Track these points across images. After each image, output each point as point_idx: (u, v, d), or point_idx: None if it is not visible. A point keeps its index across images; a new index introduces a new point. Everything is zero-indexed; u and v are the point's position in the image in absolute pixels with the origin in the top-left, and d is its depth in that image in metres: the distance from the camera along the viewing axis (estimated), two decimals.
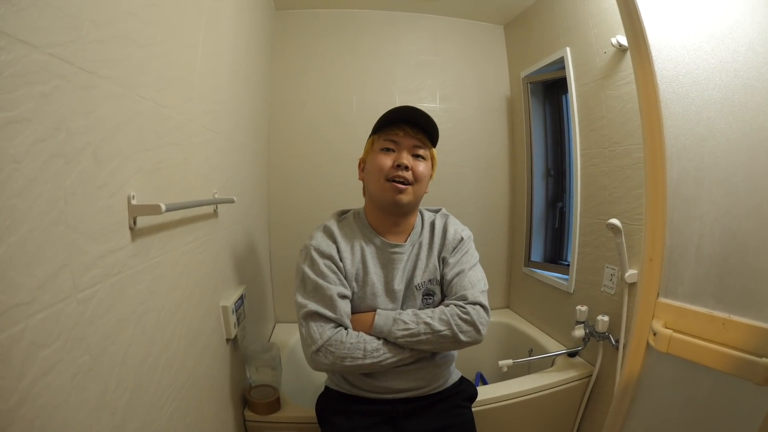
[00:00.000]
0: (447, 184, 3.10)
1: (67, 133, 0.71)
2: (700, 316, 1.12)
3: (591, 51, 2.31)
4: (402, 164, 1.47)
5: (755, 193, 1.05)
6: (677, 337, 1.14)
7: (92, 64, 0.78)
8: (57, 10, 0.68)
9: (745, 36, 1.07)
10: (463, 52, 3.20)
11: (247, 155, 2.19)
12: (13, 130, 0.60)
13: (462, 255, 1.63)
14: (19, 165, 0.61)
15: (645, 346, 1.25)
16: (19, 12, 0.60)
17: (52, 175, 0.68)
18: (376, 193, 1.53)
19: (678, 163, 1.18)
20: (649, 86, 1.20)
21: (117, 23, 0.86)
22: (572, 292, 2.52)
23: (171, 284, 1.15)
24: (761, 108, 1.04)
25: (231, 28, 1.77)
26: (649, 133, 1.23)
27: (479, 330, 1.47)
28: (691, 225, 1.17)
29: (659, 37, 1.19)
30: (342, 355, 1.41)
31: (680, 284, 1.19)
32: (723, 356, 1.05)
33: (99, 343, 0.80)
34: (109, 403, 0.84)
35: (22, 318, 0.61)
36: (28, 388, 0.62)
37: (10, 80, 0.59)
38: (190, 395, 1.27)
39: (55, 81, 0.68)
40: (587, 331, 2.21)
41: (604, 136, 2.25)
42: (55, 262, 0.68)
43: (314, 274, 1.49)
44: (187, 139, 1.27)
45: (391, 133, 1.51)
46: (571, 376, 2.24)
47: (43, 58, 0.65)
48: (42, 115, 0.65)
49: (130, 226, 0.92)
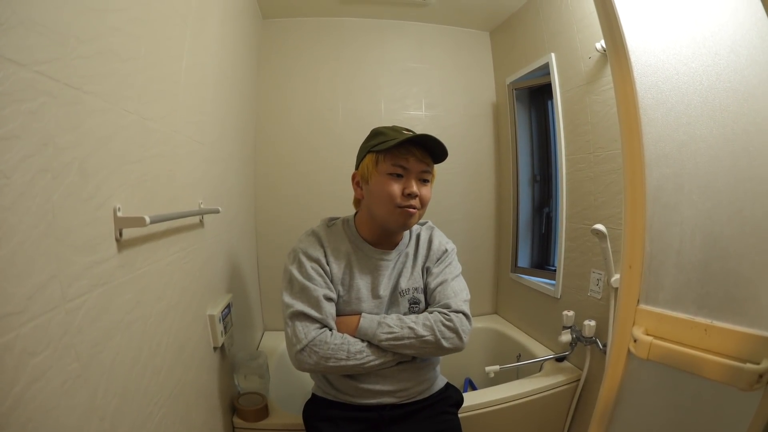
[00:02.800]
0: (434, 191, 3.07)
1: (54, 149, 0.72)
2: (681, 323, 1.14)
3: (576, 56, 2.33)
4: (413, 194, 1.49)
5: (737, 198, 1.06)
6: (658, 344, 1.15)
7: (78, 80, 0.79)
8: (43, 27, 0.69)
9: (728, 38, 1.08)
10: (449, 59, 3.22)
11: (233, 164, 2.20)
12: (3, 146, 0.61)
13: (446, 266, 1.67)
14: (9, 180, 0.62)
15: (626, 353, 1.27)
16: (7, 31, 0.61)
17: (41, 190, 0.69)
18: (385, 217, 1.53)
19: (657, 170, 1.19)
20: (628, 94, 1.21)
21: (102, 39, 0.88)
22: (559, 297, 2.54)
23: (157, 294, 1.16)
24: (743, 112, 1.05)
25: (216, 37, 1.79)
26: (628, 140, 1.24)
27: (461, 337, 1.51)
28: (671, 231, 1.18)
29: (638, 43, 1.20)
30: (326, 356, 1.44)
31: (661, 290, 1.21)
32: (706, 362, 1.06)
33: (87, 351, 0.82)
34: (98, 409, 0.85)
35: (14, 327, 0.63)
36: (21, 393, 0.64)
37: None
38: (179, 402, 1.29)
39: (42, 98, 0.69)
40: (574, 336, 2.23)
41: (589, 142, 2.28)
42: (45, 273, 0.70)
43: (301, 276, 1.52)
44: (172, 150, 1.28)
45: (401, 158, 1.49)
46: (559, 380, 2.26)
47: (30, 75, 0.66)
48: (30, 131, 0.67)
49: (116, 237, 0.93)
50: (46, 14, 0.70)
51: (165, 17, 1.22)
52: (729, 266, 1.08)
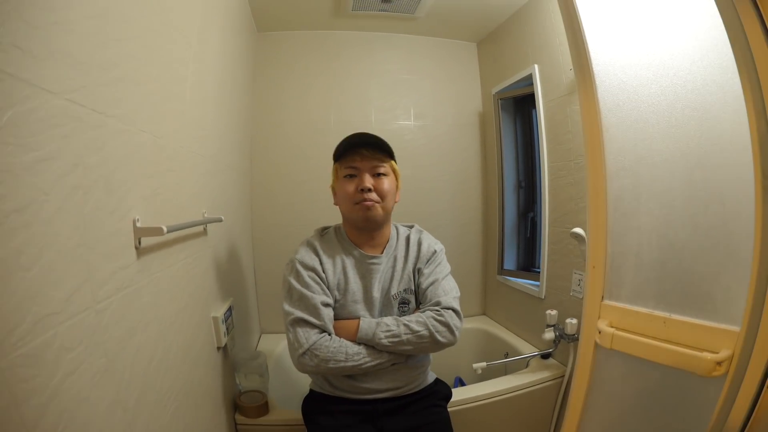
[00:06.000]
0: (423, 198, 3.20)
1: (83, 168, 0.81)
2: (641, 316, 1.24)
3: (558, 68, 2.42)
4: (365, 188, 1.59)
5: (691, 205, 1.16)
6: (620, 335, 1.26)
7: (102, 105, 0.88)
8: (69, 58, 0.77)
9: (687, 60, 1.17)
10: (437, 70, 3.29)
11: (232, 175, 2.28)
12: (42, 167, 0.69)
13: (435, 266, 1.75)
14: (48, 197, 0.71)
15: (593, 345, 1.37)
16: (41, 62, 0.69)
17: (74, 205, 0.78)
18: (349, 215, 1.67)
19: (617, 181, 1.30)
20: (592, 114, 1.31)
21: (119, 66, 0.96)
22: (544, 298, 2.63)
23: (170, 297, 1.25)
24: (699, 128, 1.15)
25: (216, 54, 1.87)
26: (591, 155, 1.34)
27: (453, 332, 1.59)
28: (630, 235, 1.29)
29: (603, 66, 1.31)
30: (326, 358, 1.52)
31: (622, 287, 1.31)
32: (665, 351, 1.17)
33: (113, 348, 0.91)
34: (122, 401, 0.94)
35: (53, 325, 0.71)
36: (58, 385, 0.72)
37: (37, 124, 0.68)
38: (188, 397, 1.37)
39: (72, 123, 0.77)
40: (557, 334, 2.32)
41: (570, 150, 2.37)
42: (79, 278, 0.79)
43: (299, 284, 1.60)
44: (180, 164, 1.37)
45: (350, 160, 1.63)
46: (545, 376, 2.34)
47: (62, 103, 0.74)
48: (63, 153, 0.75)
49: (135, 245, 1.02)
50: (73, 46, 0.78)
51: (172, 41, 1.31)
52: (684, 266, 1.18)
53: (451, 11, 2.89)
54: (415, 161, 3.16)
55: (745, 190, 1.02)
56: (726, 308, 1.09)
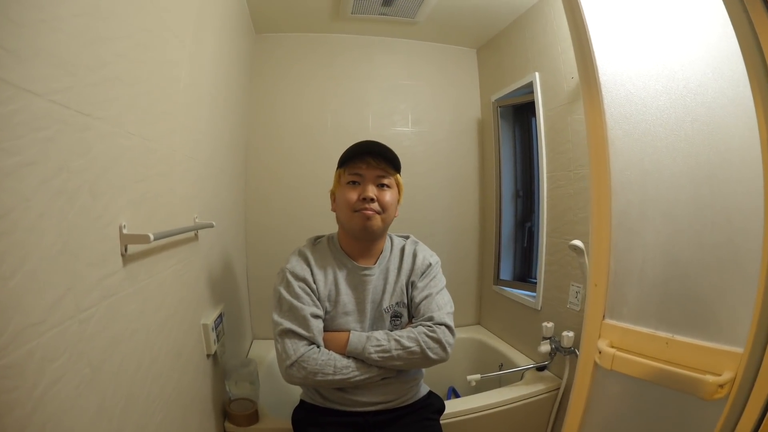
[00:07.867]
0: (419, 206, 3.17)
1: (68, 173, 0.78)
2: (643, 336, 1.21)
3: (559, 76, 2.39)
4: (367, 197, 1.57)
5: (697, 223, 1.13)
6: (621, 356, 1.23)
7: (88, 107, 0.84)
8: (55, 58, 0.74)
9: (699, 71, 1.13)
10: (436, 76, 3.27)
11: (225, 179, 2.25)
12: (23, 172, 0.66)
13: (430, 279, 1.72)
14: (29, 203, 0.68)
15: (593, 364, 1.34)
16: (24, 62, 0.66)
17: (57, 211, 0.75)
18: (347, 223, 1.64)
19: (623, 196, 1.26)
20: (598, 125, 1.28)
21: (108, 66, 0.93)
22: (540, 309, 2.60)
23: (157, 304, 1.22)
24: (709, 143, 1.11)
25: (212, 55, 1.84)
26: (595, 168, 1.31)
27: (445, 348, 1.57)
28: (634, 252, 1.25)
29: (610, 76, 1.27)
30: (314, 371, 1.50)
31: (624, 306, 1.28)
32: (667, 373, 1.13)
33: (98, 357, 0.88)
34: (107, 411, 0.91)
35: (35, 336, 0.68)
36: (40, 396, 0.69)
37: (18, 127, 0.65)
38: (176, 406, 1.34)
39: (56, 126, 0.74)
40: (553, 347, 2.29)
41: (570, 159, 2.35)
42: (61, 286, 0.76)
43: (289, 295, 1.58)
44: (171, 168, 1.34)
45: (355, 167, 1.60)
46: (540, 389, 2.31)
47: (46, 105, 0.71)
48: (46, 157, 0.72)
49: (121, 253, 0.99)
50: (59, 45, 0.75)
51: (165, 41, 1.28)
52: (687, 285, 1.15)
53: (452, 16, 2.86)
54: (412, 168, 3.12)
55: (753, 206, 1.00)
56: (731, 329, 1.06)
